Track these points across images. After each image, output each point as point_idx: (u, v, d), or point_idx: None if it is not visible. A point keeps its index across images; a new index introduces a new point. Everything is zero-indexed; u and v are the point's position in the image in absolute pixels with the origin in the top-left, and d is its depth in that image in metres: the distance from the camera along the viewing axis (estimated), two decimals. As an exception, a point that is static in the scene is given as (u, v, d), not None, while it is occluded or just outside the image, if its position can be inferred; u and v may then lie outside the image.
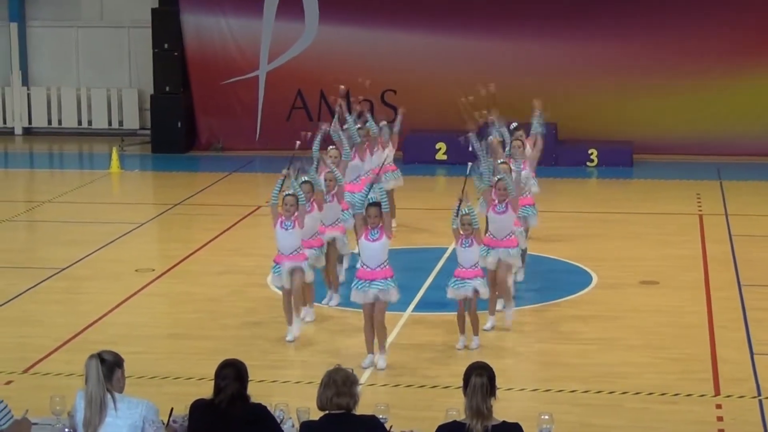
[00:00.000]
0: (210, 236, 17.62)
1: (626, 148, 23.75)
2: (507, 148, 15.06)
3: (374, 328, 12.10)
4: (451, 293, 12.66)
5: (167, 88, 25.29)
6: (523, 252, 14.66)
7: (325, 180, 14.06)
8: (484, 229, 13.56)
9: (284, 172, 13.11)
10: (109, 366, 6.94)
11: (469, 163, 13.49)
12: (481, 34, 24.56)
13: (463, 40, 24.58)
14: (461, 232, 12.59)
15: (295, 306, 12.98)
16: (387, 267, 12.06)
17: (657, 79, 24.11)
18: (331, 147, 15.14)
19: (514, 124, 15.49)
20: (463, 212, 12.66)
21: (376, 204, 12.16)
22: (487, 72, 24.28)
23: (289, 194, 12.98)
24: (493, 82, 23.94)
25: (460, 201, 12.56)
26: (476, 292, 12.55)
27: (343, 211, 14.35)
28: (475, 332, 12.75)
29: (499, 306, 13.48)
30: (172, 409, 7.51)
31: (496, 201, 13.34)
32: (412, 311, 13.91)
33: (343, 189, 14.41)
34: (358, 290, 12.08)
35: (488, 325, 13.24)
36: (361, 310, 12.21)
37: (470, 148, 13.98)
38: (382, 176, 15.06)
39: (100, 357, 6.93)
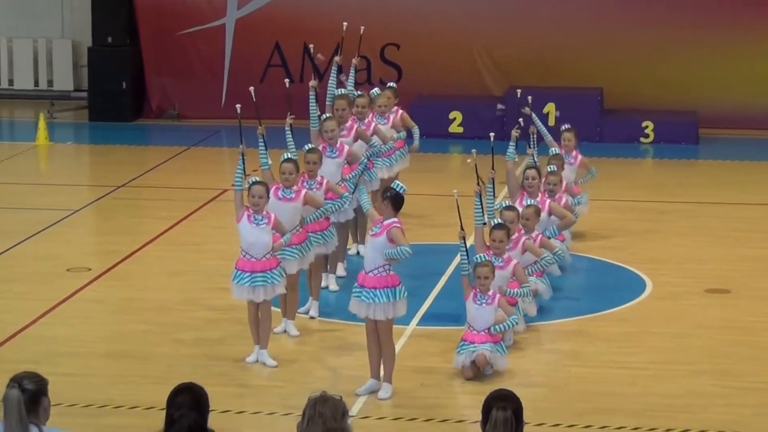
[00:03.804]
0: (162, 227, 17.63)
1: (690, 120, 23.73)
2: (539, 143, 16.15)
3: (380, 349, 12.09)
4: (457, 361, 12.62)
5: (109, 40, 25.28)
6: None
7: (307, 162, 14.00)
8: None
9: (241, 148, 13.03)
10: (32, 396, 6.94)
11: (492, 135, 13.81)
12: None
13: (485, -17, 24.57)
14: (475, 286, 12.58)
15: (262, 324, 12.90)
16: (390, 273, 12.08)
17: (729, 35, 24.01)
18: (325, 117, 14.98)
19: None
20: (478, 259, 12.63)
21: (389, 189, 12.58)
22: (514, 26, 24.33)
23: (257, 182, 12.88)
24: (524, 38, 23.99)
25: (464, 237, 12.60)
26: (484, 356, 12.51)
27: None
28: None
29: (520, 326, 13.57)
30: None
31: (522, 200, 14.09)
32: (417, 325, 13.92)
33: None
34: (354, 298, 12.13)
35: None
36: (352, 322, 12.22)
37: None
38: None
39: (21, 387, 6.90)
